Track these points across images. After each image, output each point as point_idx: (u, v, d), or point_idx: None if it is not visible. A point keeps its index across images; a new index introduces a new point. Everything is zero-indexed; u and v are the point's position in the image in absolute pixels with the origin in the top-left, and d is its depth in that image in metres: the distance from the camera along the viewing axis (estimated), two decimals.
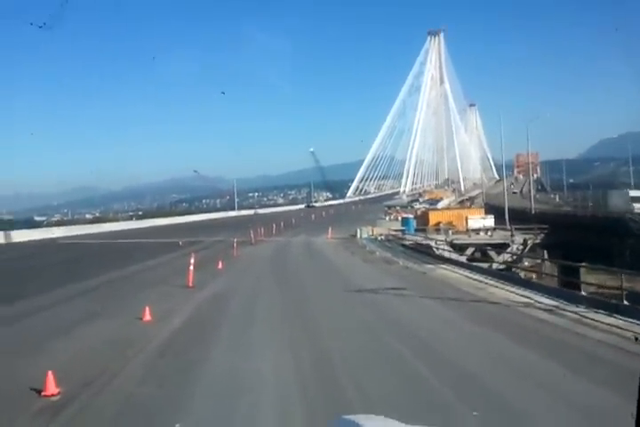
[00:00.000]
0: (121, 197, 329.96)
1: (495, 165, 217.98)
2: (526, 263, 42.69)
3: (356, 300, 16.22)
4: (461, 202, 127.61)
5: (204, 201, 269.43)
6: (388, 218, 79.42)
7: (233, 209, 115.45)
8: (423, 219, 53.34)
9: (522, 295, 17.08)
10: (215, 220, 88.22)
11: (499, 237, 49.26)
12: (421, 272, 23.42)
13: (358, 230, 46.99)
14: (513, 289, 18.49)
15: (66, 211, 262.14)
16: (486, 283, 20.18)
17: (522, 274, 35.72)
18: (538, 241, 48.36)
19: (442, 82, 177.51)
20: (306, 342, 10.93)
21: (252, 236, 43.44)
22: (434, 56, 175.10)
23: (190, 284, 20.21)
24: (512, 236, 48.33)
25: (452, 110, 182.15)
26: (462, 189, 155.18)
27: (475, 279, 21.26)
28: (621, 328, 11.94)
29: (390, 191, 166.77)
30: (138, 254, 33.68)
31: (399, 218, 78.96)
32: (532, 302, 15.99)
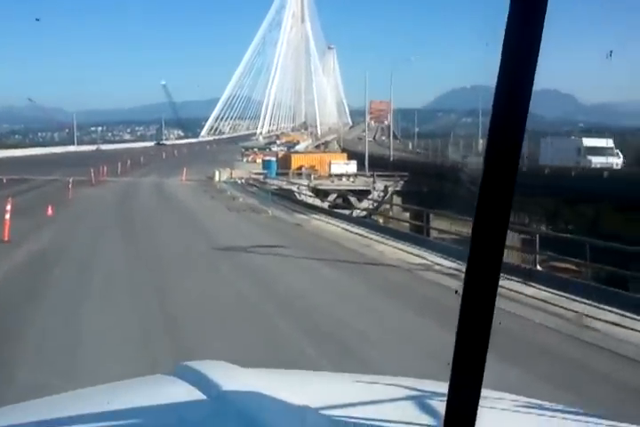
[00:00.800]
0: None
1: (349, 111, 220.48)
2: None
3: (226, 264, 12.87)
4: (317, 146, 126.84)
5: (39, 134, 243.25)
6: (245, 160, 75.53)
7: (72, 144, 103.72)
8: (285, 162, 50.37)
9: (414, 254, 14.90)
10: (50, 155, 78.03)
11: (360, 183, 48.04)
12: (295, 224, 20.51)
13: (217, 172, 42.93)
14: (401, 246, 16.30)
15: None
16: (370, 238, 17.83)
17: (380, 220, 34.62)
18: (398, 188, 47.93)
19: (303, 20, 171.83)
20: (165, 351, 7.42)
21: (92, 175, 37.60)
22: None
23: (5, 237, 15.52)
24: (374, 182, 47.33)
25: (312, 51, 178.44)
26: (319, 133, 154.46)
27: (355, 233, 18.85)
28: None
29: (246, 132, 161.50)
30: None
31: (257, 160, 75.50)
32: (428, 263, 13.84)
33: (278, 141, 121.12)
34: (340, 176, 47.87)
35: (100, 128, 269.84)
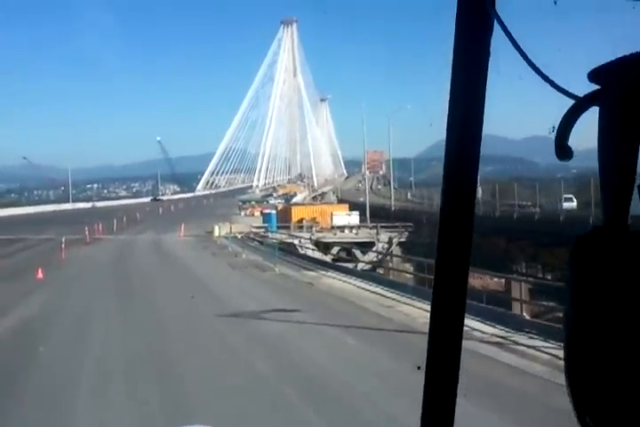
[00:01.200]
0: None
1: (344, 162, 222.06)
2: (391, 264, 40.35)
3: (236, 334, 11.22)
4: (314, 198, 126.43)
5: (35, 192, 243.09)
6: (243, 213, 74.45)
7: (68, 202, 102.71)
8: (285, 215, 49.09)
9: None
10: (45, 213, 76.72)
11: (364, 235, 46.57)
12: (306, 283, 18.89)
13: (216, 227, 41.52)
14: (427, 307, 14.67)
15: None
16: (390, 297, 16.23)
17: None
18: (403, 239, 46.42)
19: (295, 74, 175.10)
20: None
21: (87, 233, 36.11)
22: (287, 46, 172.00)
23: None
24: (377, 234, 45.91)
25: (306, 103, 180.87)
26: (315, 184, 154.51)
27: (372, 291, 17.25)
28: None
29: (242, 185, 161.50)
30: None
31: (255, 213, 74.39)
32: (465, 328, 12.18)
33: (275, 194, 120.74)
34: (342, 228, 46.49)
35: (95, 185, 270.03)
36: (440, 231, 0.80)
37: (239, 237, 40.33)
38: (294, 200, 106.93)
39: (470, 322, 11.80)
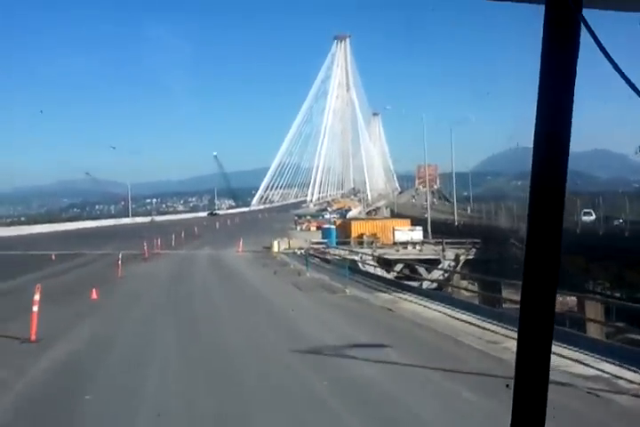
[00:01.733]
0: (5, 201, 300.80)
1: (396, 177, 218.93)
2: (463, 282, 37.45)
3: (321, 381, 9.03)
4: (368, 212, 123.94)
5: (97, 207, 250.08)
6: (299, 228, 72.86)
7: (127, 216, 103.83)
8: (344, 230, 46.92)
9: (573, 359, 10.69)
10: (104, 228, 77.25)
11: (428, 251, 43.88)
12: (385, 308, 16.57)
13: (275, 243, 39.80)
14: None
15: None
16: (488, 329, 13.75)
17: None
18: (471, 256, 43.43)
19: (348, 88, 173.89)
20: None
21: (145, 248, 34.98)
22: (340, 61, 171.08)
23: (32, 335, 12.24)
24: (443, 251, 43.14)
25: (359, 118, 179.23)
26: (369, 198, 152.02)
27: (465, 321, 14.81)
28: None
29: (296, 200, 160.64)
30: None
31: (311, 228, 72.61)
32: (604, 375, 9.65)
33: (330, 208, 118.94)
34: (404, 244, 43.93)
35: (154, 200, 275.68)
36: (527, 250, 0.78)
37: (299, 252, 38.46)
38: (349, 215, 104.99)
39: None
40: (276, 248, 39.21)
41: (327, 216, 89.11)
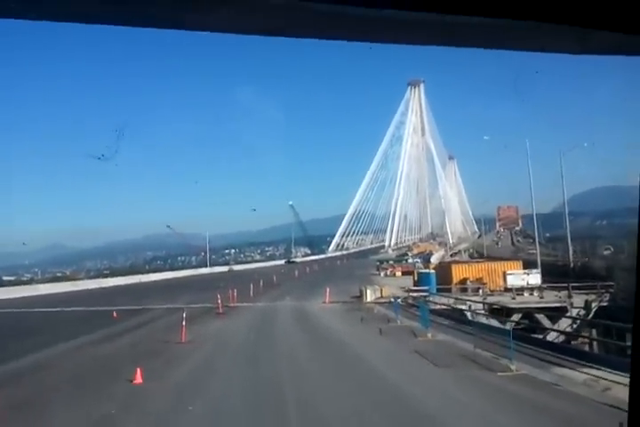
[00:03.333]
0: (95, 256, 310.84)
1: (474, 219, 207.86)
2: None
3: None
4: (452, 255, 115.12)
5: (179, 258, 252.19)
6: (382, 274, 65.74)
7: (207, 265, 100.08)
8: (443, 274, 39.64)
9: None
10: (181, 278, 73.10)
11: (551, 298, 35.72)
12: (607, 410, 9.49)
13: (368, 291, 33.21)
14: None
15: (36, 270, 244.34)
16: None
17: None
18: (605, 303, 34.90)
19: (423, 133, 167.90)
20: None
21: (219, 301, 29.23)
22: (415, 106, 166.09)
23: None
24: (570, 297, 34.91)
25: (435, 162, 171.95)
26: (450, 242, 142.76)
27: None
28: None
29: (372, 246, 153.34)
30: (18, 344, 18.77)
31: (396, 273, 65.34)
32: None
33: (410, 253, 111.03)
34: (520, 290, 36.10)
35: (232, 250, 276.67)
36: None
37: (397, 301, 31.64)
38: (433, 258, 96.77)
39: None
40: (368, 297, 32.61)
41: (410, 261, 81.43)
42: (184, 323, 18.66)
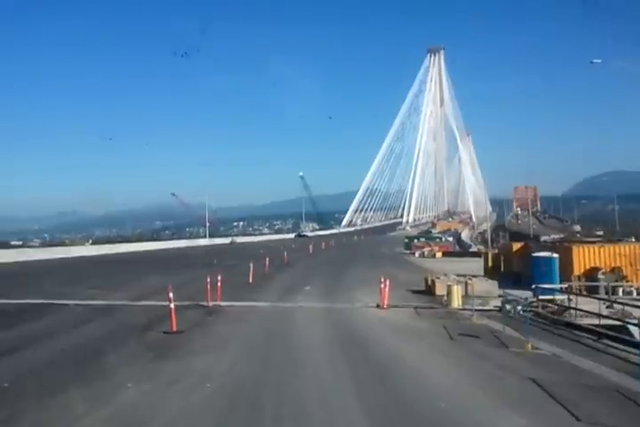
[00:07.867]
0: (105, 223, 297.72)
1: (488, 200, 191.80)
2: None
3: None
4: (479, 234, 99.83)
5: (187, 229, 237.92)
6: (417, 253, 50.36)
7: (214, 237, 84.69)
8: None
9: None
10: (169, 250, 57.99)
11: None
12: None
13: (454, 288, 17.83)
14: None
15: (45, 236, 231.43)
16: None
17: None
18: None
19: (442, 103, 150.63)
20: None
21: (208, 295, 14.11)
22: (434, 74, 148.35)
23: None
24: None
25: (455, 135, 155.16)
26: (474, 220, 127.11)
27: None
28: None
29: (387, 222, 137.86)
30: None
31: (437, 254, 50.01)
32: None
33: (433, 230, 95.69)
34: None
35: (241, 223, 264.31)
36: None
37: (507, 308, 16.39)
38: (463, 236, 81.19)
39: None
40: (455, 301, 17.35)
41: (444, 239, 66.00)
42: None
